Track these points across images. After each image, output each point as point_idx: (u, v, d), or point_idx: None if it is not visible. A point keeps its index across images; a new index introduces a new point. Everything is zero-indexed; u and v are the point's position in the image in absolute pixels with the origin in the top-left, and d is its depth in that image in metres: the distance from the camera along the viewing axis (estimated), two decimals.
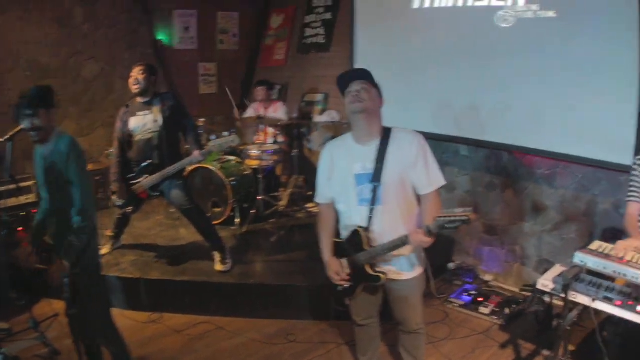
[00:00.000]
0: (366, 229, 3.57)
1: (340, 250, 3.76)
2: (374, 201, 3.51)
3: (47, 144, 3.80)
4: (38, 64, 7.20)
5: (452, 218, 3.12)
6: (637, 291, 3.43)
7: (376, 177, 3.48)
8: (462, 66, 6.29)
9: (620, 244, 3.79)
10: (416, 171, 3.52)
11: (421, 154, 3.53)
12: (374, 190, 3.50)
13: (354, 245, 3.63)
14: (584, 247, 3.86)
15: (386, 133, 3.53)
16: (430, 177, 3.56)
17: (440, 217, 3.17)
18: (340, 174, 3.65)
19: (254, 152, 7.26)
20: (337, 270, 3.69)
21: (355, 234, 3.60)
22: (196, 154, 5.46)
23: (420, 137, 3.59)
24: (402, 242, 3.42)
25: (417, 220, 3.62)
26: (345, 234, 3.75)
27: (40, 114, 3.69)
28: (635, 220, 4.06)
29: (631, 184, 4.13)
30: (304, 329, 5.34)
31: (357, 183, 3.54)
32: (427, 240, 3.30)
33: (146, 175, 5.56)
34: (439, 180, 3.59)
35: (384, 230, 3.55)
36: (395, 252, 3.53)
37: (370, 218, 3.55)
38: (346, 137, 3.68)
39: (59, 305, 5.31)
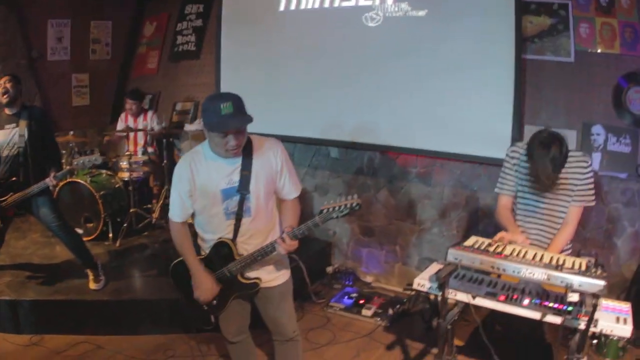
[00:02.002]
0: (233, 240, 3.63)
1: (205, 266, 3.74)
2: (241, 213, 3.57)
3: None
4: None
5: (340, 207, 3.33)
6: (530, 286, 3.46)
7: (244, 188, 3.52)
8: (332, 68, 6.53)
9: (498, 236, 3.86)
10: (281, 178, 3.67)
11: (285, 161, 3.66)
12: (241, 202, 3.55)
13: (221, 257, 3.68)
14: (458, 243, 3.77)
15: (247, 143, 3.52)
16: (293, 183, 3.73)
17: (328, 207, 3.36)
18: (203, 190, 3.56)
19: (124, 164, 7.38)
20: (212, 286, 3.70)
21: (223, 245, 3.64)
22: (51, 176, 5.39)
23: (281, 144, 3.70)
24: (270, 248, 3.53)
25: (279, 226, 3.83)
26: (205, 247, 3.78)
27: None
28: (509, 212, 4.24)
29: (502, 175, 4.24)
30: (181, 344, 5.41)
31: (224, 198, 3.54)
32: (294, 244, 3.45)
33: (11, 193, 5.45)
34: (299, 185, 3.80)
35: (251, 240, 3.67)
36: (265, 259, 3.64)
37: (237, 229, 3.61)
38: (204, 149, 3.57)
39: None
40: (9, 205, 5.49)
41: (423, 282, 3.88)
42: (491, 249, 3.66)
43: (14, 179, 5.53)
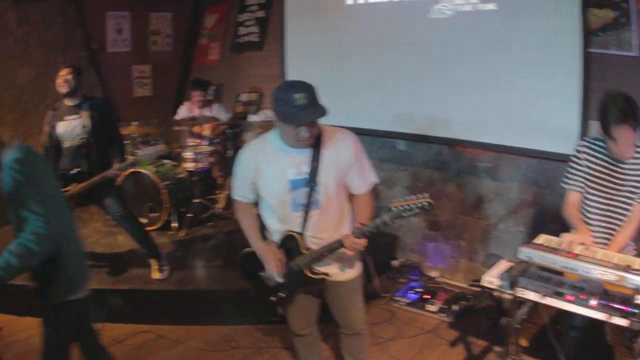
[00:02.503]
0: (300, 234, 3.49)
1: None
2: (309, 205, 3.42)
3: None
4: None
5: (410, 205, 3.11)
6: (590, 285, 3.30)
7: (313, 180, 3.36)
8: (398, 61, 6.34)
9: (565, 237, 3.73)
10: (352, 172, 3.48)
11: (356, 155, 3.46)
12: (310, 195, 3.39)
13: (288, 250, 3.55)
14: (529, 241, 3.75)
15: (319, 133, 3.37)
16: (365, 176, 3.53)
17: (397, 205, 3.14)
18: (270, 181, 3.45)
19: (188, 154, 7.28)
20: (278, 256, 3.55)
21: (290, 238, 3.52)
22: (114, 167, 5.38)
23: (354, 136, 3.52)
24: (337, 245, 3.37)
25: (351, 221, 3.64)
26: (274, 238, 3.64)
27: None
28: (577, 210, 4.07)
29: (571, 170, 4.06)
30: (245, 335, 5.32)
31: (292, 188, 3.39)
32: (360, 243, 3.28)
33: (74, 184, 5.38)
34: (373, 178, 3.58)
35: (320, 234, 3.50)
36: (334, 255, 3.49)
37: (304, 222, 3.46)
38: (271, 139, 3.45)
39: (3, 319, 5.34)
40: (71, 196, 5.36)
41: (492, 279, 3.70)
42: (561, 248, 3.62)
43: (77, 170, 5.46)
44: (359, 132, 6.61)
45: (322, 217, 3.49)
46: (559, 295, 3.31)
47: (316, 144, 3.35)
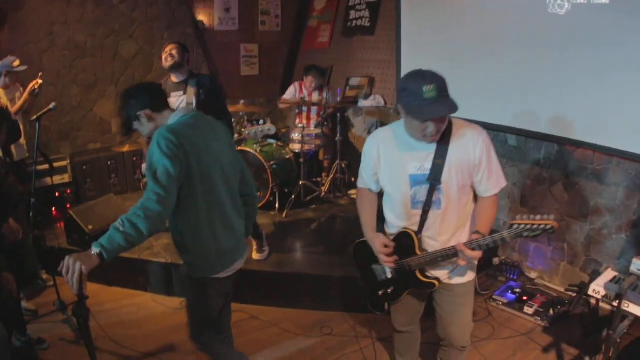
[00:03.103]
0: (417, 233, 3.22)
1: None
2: (429, 204, 3.14)
3: None
4: (75, 43, 7.11)
5: (534, 226, 2.80)
6: None
7: (435, 177, 3.06)
8: (513, 54, 6.06)
9: None
10: (479, 172, 3.14)
11: (486, 154, 3.11)
12: (431, 193, 3.11)
13: (402, 248, 3.26)
14: (635, 251, 3.67)
15: (447, 128, 3.05)
16: (492, 179, 3.18)
17: (520, 223, 2.83)
18: (391, 172, 3.21)
19: (296, 135, 7.08)
20: (385, 242, 3.25)
21: (406, 236, 3.24)
22: None
23: (485, 133, 3.16)
24: (453, 252, 3.09)
25: (471, 226, 3.29)
26: (390, 231, 3.37)
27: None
28: None
29: None
30: (339, 322, 5.14)
31: (412, 184, 3.13)
32: (475, 256, 3.01)
33: None
34: (502, 181, 3.22)
35: (438, 236, 3.23)
36: (447, 261, 3.20)
37: (423, 222, 3.20)
38: (397, 129, 3.15)
39: (89, 288, 5.21)
40: None
41: (599, 288, 3.74)
42: None
43: None
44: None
45: (442, 218, 3.18)
46: None
47: (443, 139, 3.05)
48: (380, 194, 3.44)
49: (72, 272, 2.48)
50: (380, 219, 3.46)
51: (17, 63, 5.52)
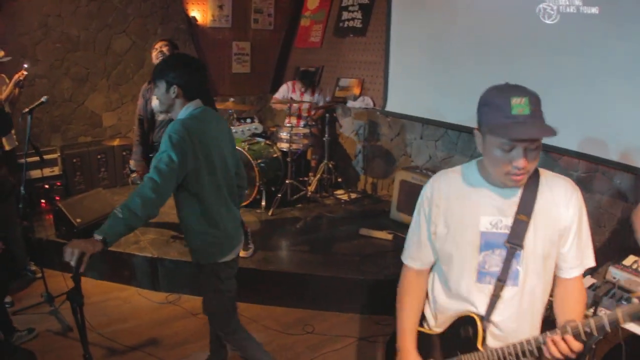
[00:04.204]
0: (484, 319, 2.33)
1: (426, 345, 2.50)
2: (505, 276, 2.27)
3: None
4: (68, 36, 7.15)
5: None
6: None
7: (517, 238, 2.24)
8: (502, 59, 6.14)
9: None
10: (567, 240, 2.31)
11: (578, 216, 2.30)
12: (509, 260, 2.26)
13: (459, 340, 2.39)
14: (618, 262, 3.68)
15: (534, 174, 2.30)
16: (582, 252, 2.34)
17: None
18: (452, 229, 2.36)
19: (284, 134, 7.14)
20: None
21: (468, 323, 2.36)
22: None
23: (579, 191, 2.34)
24: (537, 345, 2.16)
25: (542, 315, 2.46)
26: (438, 316, 2.51)
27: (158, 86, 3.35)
28: None
29: None
30: (321, 321, 5.16)
31: (483, 246, 2.30)
32: (576, 348, 2.06)
33: None
34: (590, 258, 2.37)
35: (511, 324, 2.34)
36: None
37: (493, 303, 2.30)
38: (465, 172, 2.38)
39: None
40: None
41: None
42: None
43: None
44: (458, 129, 6.85)
45: (519, 298, 2.31)
46: (638, 320, 3.11)
47: (529, 187, 2.29)
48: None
49: (77, 255, 2.62)
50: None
51: (1, 54, 5.55)
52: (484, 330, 2.31)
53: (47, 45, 6.98)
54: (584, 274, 2.37)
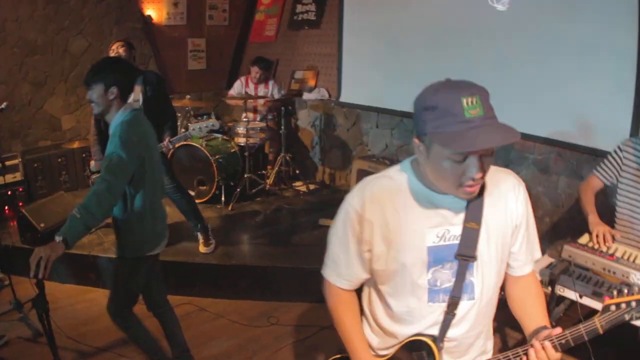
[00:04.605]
0: (438, 340, 2.04)
1: None
2: (459, 292, 1.99)
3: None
4: (25, 41, 7.17)
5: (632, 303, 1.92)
6: (632, 289, 3.20)
7: (468, 249, 1.96)
8: (454, 44, 6.25)
9: (600, 233, 3.68)
10: (517, 239, 2.11)
11: (526, 213, 2.10)
12: (462, 273, 1.98)
13: None
14: (573, 240, 3.72)
15: None
16: (532, 247, 2.17)
17: (613, 303, 1.94)
18: (393, 249, 2.00)
19: (241, 129, 7.22)
20: None
21: (422, 348, 2.05)
22: (166, 141, 5.26)
23: (523, 183, 2.13)
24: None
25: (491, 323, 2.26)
26: (387, 344, 2.19)
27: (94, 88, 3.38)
28: (592, 195, 4.02)
29: (606, 162, 4.00)
30: (286, 311, 5.27)
31: (432, 262, 1.98)
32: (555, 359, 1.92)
33: None
34: (538, 250, 2.22)
35: (467, 339, 2.10)
36: None
37: (447, 322, 2.02)
38: (405, 180, 2.00)
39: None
40: None
41: (536, 275, 3.58)
42: (603, 249, 3.61)
43: None
44: (411, 116, 6.79)
45: (475, 312, 2.05)
46: (597, 296, 3.31)
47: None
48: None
49: (44, 260, 2.77)
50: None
51: None
52: (439, 351, 2.03)
53: (5, 50, 6.99)
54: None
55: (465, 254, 1.95)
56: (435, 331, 2.02)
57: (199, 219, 5.80)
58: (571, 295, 3.42)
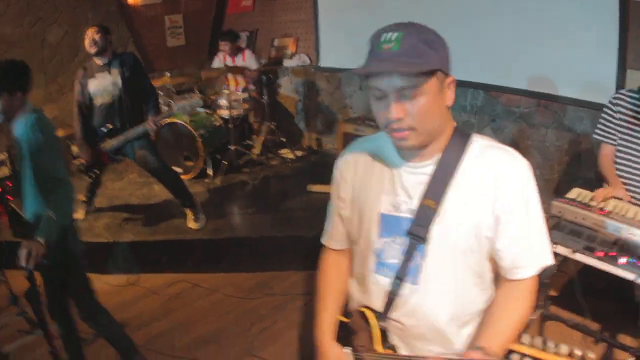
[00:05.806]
0: (381, 316, 1.94)
1: (345, 333, 2.08)
2: (404, 272, 1.86)
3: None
4: (2, 36, 7.16)
5: None
6: (624, 243, 3.22)
7: (420, 228, 1.80)
8: (435, 5, 6.21)
9: (600, 192, 3.69)
10: (506, 231, 1.78)
11: (518, 202, 1.77)
12: (410, 252, 1.84)
13: (356, 337, 2.03)
14: (563, 191, 3.76)
15: (458, 145, 1.82)
16: (529, 250, 1.82)
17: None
18: (358, 207, 2.00)
19: (223, 101, 7.30)
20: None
21: (360, 318, 2.01)
22: (149, 121, 5.36)
23: (527, 165, 1.81)
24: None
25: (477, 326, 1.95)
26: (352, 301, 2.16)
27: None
28: (611, 163, 3.93)
29: (604, 122, 3.92)
30: (281, 281, 5.32)
31: (383, 231, 1.91)
32: None
33: (108, 140, 5.48)
34: (546, 254, 1.85)
35: (417, 327, 1.92)
36: None
37: (391, 300, 1.91)
38: (384, 141, 1.92)
39: (38, 279, 5.41)
40: (105, 151, 5.49)
41: None
42: (594, 203, 3.61)
43: (110, 126, 5.49)
44: None
45: (418, 300, 1.88)
46: (589, 250, 3.27)
47: (447, 162, 1.80)
48: None
49: (33, 255, 2.94)
50: None
51: None
52: (382, 330, 1.94)
53: None
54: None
55: (415, 232, 1.80)
56: (380, 306, 1.93)
57: (187, 196, 5.86)
58: (563, 251, 3.35)
